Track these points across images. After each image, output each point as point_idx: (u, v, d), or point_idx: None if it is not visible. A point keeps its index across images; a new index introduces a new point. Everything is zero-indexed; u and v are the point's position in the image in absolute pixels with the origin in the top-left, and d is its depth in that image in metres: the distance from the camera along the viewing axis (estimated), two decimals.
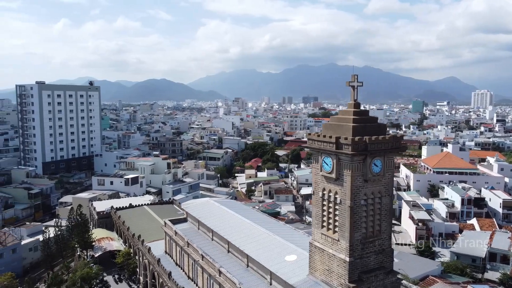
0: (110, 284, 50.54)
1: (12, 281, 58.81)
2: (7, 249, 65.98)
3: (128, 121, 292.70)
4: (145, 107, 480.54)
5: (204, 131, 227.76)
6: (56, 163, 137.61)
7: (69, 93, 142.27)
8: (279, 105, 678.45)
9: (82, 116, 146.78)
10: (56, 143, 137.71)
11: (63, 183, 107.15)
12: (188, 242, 40.80)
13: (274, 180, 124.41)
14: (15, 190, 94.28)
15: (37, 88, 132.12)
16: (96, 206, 72.35)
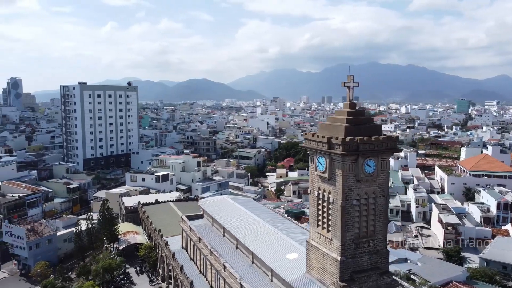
0: (131, 276, 52.96)
1: (46, 269, 63.00)
2: (43, 239, 70.55)
3: (167, 120, 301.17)
4: (185, 106, 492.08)
5: (239, 130, 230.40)
6: (96, 160, 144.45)
7: (109, 93, 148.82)
8: (318, 105, 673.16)
9: (121, 115, 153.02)
10: (96, 141, 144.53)
11: (99, 179, 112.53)
12: (199, 237, 42.19)
13: (304, 180, 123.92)
14: (56, 184, 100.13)
15: (79, 88, 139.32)
16: (125, 201, 75.70)
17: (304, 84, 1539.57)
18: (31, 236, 68.95)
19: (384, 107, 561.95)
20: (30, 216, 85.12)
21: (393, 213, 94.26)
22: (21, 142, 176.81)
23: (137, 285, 52.02)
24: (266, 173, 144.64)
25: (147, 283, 51.93)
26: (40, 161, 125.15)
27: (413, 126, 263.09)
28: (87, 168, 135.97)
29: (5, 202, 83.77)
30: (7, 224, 72.50)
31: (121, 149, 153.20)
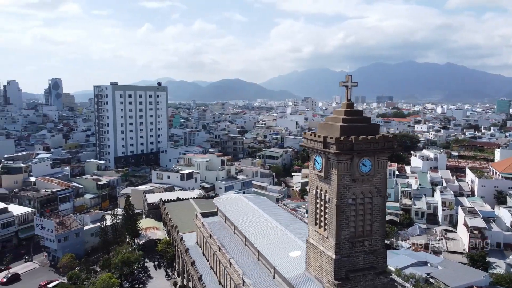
0: (149, 270, 54.80)
1: (72, 261, 66.08)
2: (71, 232, 73.95)
3: (198, 119, 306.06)
4: (216, 106, 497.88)
5: (268, 130, 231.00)
6: (127, 158, 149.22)
7: (139, 93, 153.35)
8: None
9: (151, 114, 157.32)
10: (127, 140, 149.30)
11: (128, 176, 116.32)
12: (210, 234, 43.26)
13: None
14: (86, 180, 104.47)
15: (111, 88, 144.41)
16: (148, 197, 78.10)
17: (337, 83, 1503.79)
18: (60, 229, 72.43)
19: (419, 107, 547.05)
20: (62, 210, 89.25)
21: (418, 216, 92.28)
22: (59, 140, 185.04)
23: (154, 278, 53.80)
24: (292, 173, 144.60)
25: (164, 277, 53.55)
26: (73, 159, 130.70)
27: (447, 126, 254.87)
28: (118, 166, 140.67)
29: (38, 196, 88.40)
30: (38, 218, 76.59)
31: (150, 148, 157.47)
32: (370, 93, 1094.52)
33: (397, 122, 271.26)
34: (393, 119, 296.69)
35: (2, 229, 79.02)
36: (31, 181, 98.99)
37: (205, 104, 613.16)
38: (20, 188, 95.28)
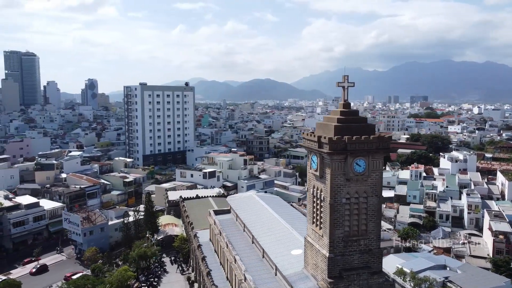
0: (166, 264, 56.56)
1: (96, 254, 68.95)
2: (96, 227, 77.09)
3: (227, 119, 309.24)
4: (245, 106, 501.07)
5: (295, 130, 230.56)
6: (154, 156, 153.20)
7: (167, 93, 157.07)
8: (383, 105, 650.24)
9: (178, 114, 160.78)
10: (155, 138, 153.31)
11: (154, 174, 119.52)
12: (220, 231, 44.30)
13: None
14: (114, 177, 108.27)
15: (140, 89, 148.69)
16: (170, 195, 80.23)
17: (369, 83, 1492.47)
18: (85, 223, 75.70)
19: (454, 107, 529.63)
20: (89, 206, 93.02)
21: (442, 218, 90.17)
22: (92, 139, 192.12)
23: (169, 273, 55.47)
24: None
25: (179, 272, 55.07)
26: (102, 156, 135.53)
27: (483, 127, 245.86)
28: (146, 164, 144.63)
29: (68, 192, 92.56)
30: (66, 212, 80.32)
31: (177, 147, 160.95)
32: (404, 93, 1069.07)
33: (430, 123, 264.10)
34: (425, 120, 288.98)
35: (34, 222, 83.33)
36: (62, 177, 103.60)
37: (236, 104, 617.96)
38: (51, 184, 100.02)
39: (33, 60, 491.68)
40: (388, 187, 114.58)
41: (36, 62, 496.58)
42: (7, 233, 79.82)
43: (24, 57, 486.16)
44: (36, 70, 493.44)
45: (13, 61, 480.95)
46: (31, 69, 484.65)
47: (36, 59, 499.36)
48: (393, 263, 60.44)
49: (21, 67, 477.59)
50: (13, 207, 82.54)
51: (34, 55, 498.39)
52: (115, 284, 46.67)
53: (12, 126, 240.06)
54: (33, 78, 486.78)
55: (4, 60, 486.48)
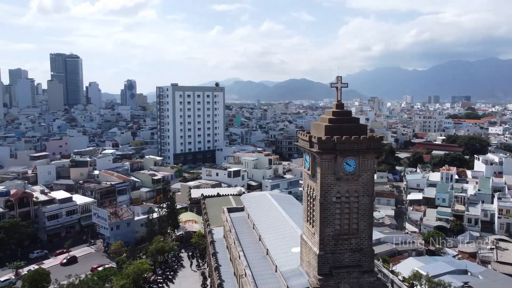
0: (183, 259, 58.54)
1: (121, 248, 72.10)
2: (123, 222, 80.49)
3: (259, 119, 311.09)
4: (279, 106, 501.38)
5: None
6: (185, 155, 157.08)
7: (197, 93, 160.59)
8: (422, 105, 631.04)
9: (208, 113, 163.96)
10: (185, 138, 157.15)
11: (182, 172, 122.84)
12: (229, 228, 45.51)
13: (381, 183, 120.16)
14: (143, 175, 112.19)
15: (171, 89, 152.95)
16: (192, 192, 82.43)
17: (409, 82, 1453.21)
18: (113, 218, 79.24)
19: (499, 107, 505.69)
20: (119, 202, 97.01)
21: (471, 223, 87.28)
22: (127, 138, 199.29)
23: (185, 268, 57.40)
24: None
25: (195, 267, 56.82)
26: (133, 155, 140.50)
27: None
28: (177, 162, 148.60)
29: (99, 188, 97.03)
30: (95, 207, 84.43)
31: (207, 146, 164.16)
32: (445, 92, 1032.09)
33: (469, 124, 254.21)
34: (465, 120, 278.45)
35: (67, 216, 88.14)
36: (95, 174, 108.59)
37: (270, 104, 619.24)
38: (84, 180, 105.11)
39: (76, 62, 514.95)
40: (417, 190, 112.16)
41: (79, 64, 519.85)
42: (42, 225, 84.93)
43: (68, 59, 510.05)
44: (79, 71, 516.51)
45: (58, 63, 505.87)
46: (74, 71, 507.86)
47: (79, 61, 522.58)
48: (411, 266, 59.46)
49: (66, 69, 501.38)
50: (48, 201, 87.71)
51: (77, 57, 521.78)
52: (131, 276, 48.97)
53: (55, 125, 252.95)
54: (76, 79, 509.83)
55: (50, 62, 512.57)
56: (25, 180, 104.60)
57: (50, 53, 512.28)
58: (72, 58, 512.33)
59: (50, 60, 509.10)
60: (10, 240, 76.65)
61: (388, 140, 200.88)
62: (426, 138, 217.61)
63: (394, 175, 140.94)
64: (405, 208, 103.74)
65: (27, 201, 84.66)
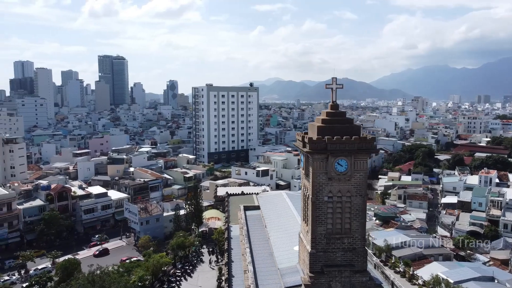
0: (204, 254, 60.41)
1: (149, 242, 75.19)
2: (152, 217, 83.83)
3: (297, 119, 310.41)
4: (319, 106, 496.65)
5: (363, 131, 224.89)
6: (219, 154, 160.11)
7: (232, 93, 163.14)
8: (470, 105, 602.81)
9: (242, 113, 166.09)
10: (219, 137, 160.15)
11: (213, 170, 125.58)
12: (242, 225, 46.66)
13: (415, 185, 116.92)
14: (176, 173, 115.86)
15: (206, 89, 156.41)
16: (219, 191, 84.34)
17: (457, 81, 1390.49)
18: (142, 213, 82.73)
19: None
20: (152, 198, 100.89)
21: (507, 228, 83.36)
22: (166, 136, 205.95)
23: (204, 263, 59.18)
24: (379, 175, 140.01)
25: (213, 262, 58.50)
26: (168, 153, 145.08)
27: None
28: (211, 161, 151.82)
29: (132, 184, 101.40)
30: (127, 202, 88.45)
31: (241, 145, 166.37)
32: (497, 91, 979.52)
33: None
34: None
35: (102, 210, 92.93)
36: (130, 171, 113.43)
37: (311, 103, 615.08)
38: (120, 177, 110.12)
39: (122, 63, 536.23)
40: (454, 193, 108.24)
41: (125, 65, 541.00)
42: (79, 218, 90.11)
43: (115, 60, 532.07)
44: (125, 72, 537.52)
45: (106, 65, 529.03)
46: (120, 72, 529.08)
47: (125, 62, 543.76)
48: (434, 270, 58.07)
49: (112, 70, 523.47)
50: (85, 196, 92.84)
51: (123, 59, 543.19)
52: (151, 268, 51.33)
53: (100, 123, 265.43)
54: (122, 80, 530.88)
55: (98, 63, 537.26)
56: (67, 176, 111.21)
57: (98, 55, 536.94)
58: (118, 59, 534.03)
59: (98, 61, 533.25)
60: (49, 231, 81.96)
61: (427, 141, 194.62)
62: (470, 140, 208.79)
63: (431, 177, 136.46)
64: (438, 212, 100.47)
65: (66, 195, 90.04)
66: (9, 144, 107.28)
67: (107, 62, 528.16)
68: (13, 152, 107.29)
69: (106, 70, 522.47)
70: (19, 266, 70.07)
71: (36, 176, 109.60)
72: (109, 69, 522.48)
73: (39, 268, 69.97)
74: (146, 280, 49.56)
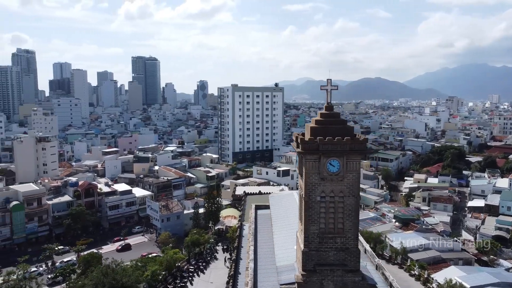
0: (218, 252, 61.68)
1: (168, 238, 77.32)
2: (173, 215, 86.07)
3: None
4: (348, 106, 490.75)
5: (393, 131, 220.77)
6: (243, 154, 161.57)
7: (257, 93, 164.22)
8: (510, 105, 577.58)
9: (267, 113, 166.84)
10: (244, 137, 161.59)
11: (235, 170, 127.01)
12: (251, 224, 47.47)
13: (441, 187, 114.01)
14: (199, 172, 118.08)
15: (231, 89, 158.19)
16: (237, 190, 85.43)
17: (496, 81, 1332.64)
18: (163, 211, 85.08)
19: None
20: (175, 196, 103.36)
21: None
22: (194, 136, 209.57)
23: (218, 260, 60.30)
24: (405, 177, 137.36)
25: (228, 260, 59.50)
26: (193, 152, 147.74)
27: None
28: (235, 161, 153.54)
29: (156, 182, 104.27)
30: (149, 200, 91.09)
31: (265, 145, 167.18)
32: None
33: None
34: None
35: (126, 207, 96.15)
36: (155, 169, 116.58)
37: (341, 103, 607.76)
38: (145, 175, 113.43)
39: (154, 64, 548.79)
40: (482, 196, 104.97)
41: (157, 66, 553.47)
42: (105, 214, 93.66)
43: (148, 61, 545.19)
44: (157, 73, 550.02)
45: (139, 66, 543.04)
46: (153, 72, 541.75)
47: (157, 63, 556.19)
48: (451, 274, 56.88)
49: (145, 71, 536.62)
50: (110, 192, 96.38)
51: (156, 60, 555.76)
52: (165, 263, 53.04)
53: (131, 123, 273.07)
54: (154, 80, 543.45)
55: (131, 64, 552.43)
56: (95, 173, 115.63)
57: (131, 56, 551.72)
58: (151, 60, 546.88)
59: (131, 62, 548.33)
60: (76, 226, 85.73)
61: (459, 142, 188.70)
62: (505, 141, 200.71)
63: (460, 180, 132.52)
64: (463, 215, 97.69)
65: (92, 191, 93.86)
66: (41, 143, 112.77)
67: (140, 63, 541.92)
68: (45, 150, 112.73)
69: (139, 70, 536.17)
70: (46, 258, 73.77)
71: (66, 173, 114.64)
72: (142, 70, 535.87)
73: (64, 260, 73.41)
74: (160, 275, 51.24)
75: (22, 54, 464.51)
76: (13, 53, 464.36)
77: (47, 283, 66.25)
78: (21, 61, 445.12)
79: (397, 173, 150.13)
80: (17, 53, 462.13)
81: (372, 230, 71.32)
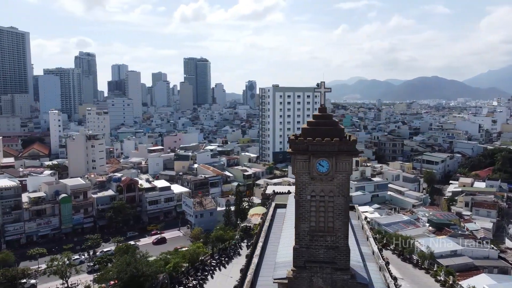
0: (242, 248, 63.53)
1: (199, 234, 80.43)
2: (206, 211, 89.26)
3: (372, 120, 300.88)
4: (400, 106, 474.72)
5: (442, 132, 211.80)
6: (283, 154, 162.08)
7: (297, 93, 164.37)
8: None
9: (308, 114, 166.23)
10: (284, 137, 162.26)
11: (272, 169, 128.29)
12: (267, 221, 48.81)
13: (487, 192, 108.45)
14: (236, 170, 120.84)
15: (272, 90, 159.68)
16: (267, 189, 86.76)
17: None
18: (197, 207, 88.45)
19: None
20: (212, 193, 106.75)
21: None
22: (237, 135, 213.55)
23: (241, 256, 62.03)
24: (450, 181, 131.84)
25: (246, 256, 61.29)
26: (232, 151, 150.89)
27: None
28: (276, 160, 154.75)
29: (194, 180, 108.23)
30: (184, 196, 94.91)
31: None
32: None
33: None
34: None
35: (165, 202, 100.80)
36: (194, 167, 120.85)
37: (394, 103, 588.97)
38: (184, 172, 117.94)
39: (205, 65, 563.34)
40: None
41: (208, 67, 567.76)
42: (144, 209, 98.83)
43: (199, 62, 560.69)
44: (207, 73, 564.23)
45: (190, 67, 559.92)
46: (203, 73, 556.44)
47: (208, 64, 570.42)
48: (481, 282, 55.05)
49: (196, 71, 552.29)
50: (150, 188, 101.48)
51: (206, 61, 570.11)
52: (187, 256, 55.74)
53: (180, 122, 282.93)
54: (205, 81, 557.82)
55: (183, 65, 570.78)
56: (139, 170, 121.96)
57: (183, 58, 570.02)
58: (202, 61, 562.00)
59: (183, 63, 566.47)
60: (117, 218, 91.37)
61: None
62: None
63: (511, 185, 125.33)
64: (508, 222, 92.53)
65: (133, 187, 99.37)
66: (91, 140, 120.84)
67: (192, 64, 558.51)
68: (94, 147, 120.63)
69: (191, 71, 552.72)
70: (88, 247, 79.54)
71: (113, 169, 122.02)
72: (193, 71, 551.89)
73: (104, 250, 78.74)
74: (182, 267, 53.96)
75: (84, 57, 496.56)
76: (76, 56, 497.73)
77: (87, 270, 71.59)
78: (82, 64, 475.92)
79: (443, 176, 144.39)
80: (79, 56, 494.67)
81: (402, 233, 69.99)
